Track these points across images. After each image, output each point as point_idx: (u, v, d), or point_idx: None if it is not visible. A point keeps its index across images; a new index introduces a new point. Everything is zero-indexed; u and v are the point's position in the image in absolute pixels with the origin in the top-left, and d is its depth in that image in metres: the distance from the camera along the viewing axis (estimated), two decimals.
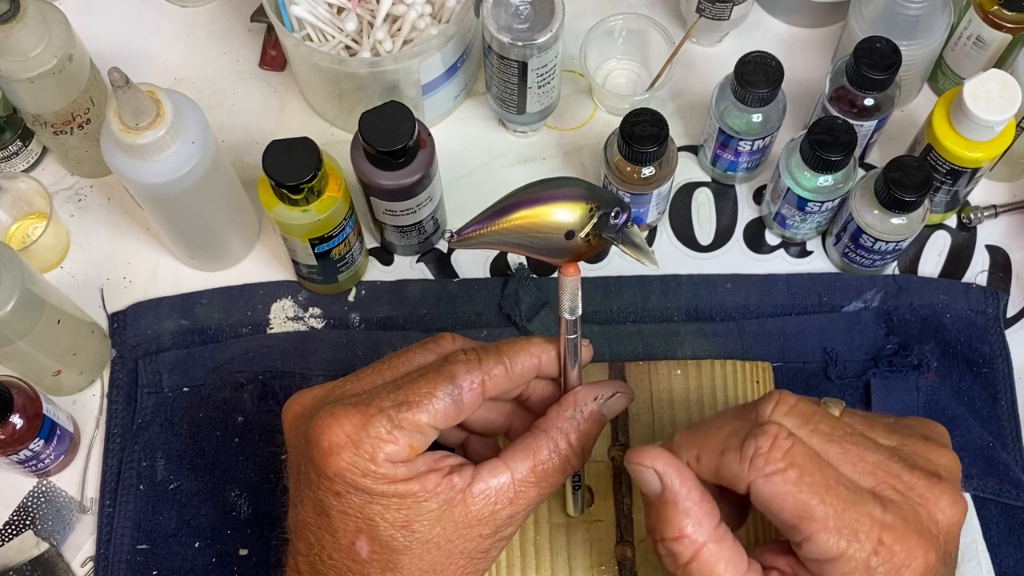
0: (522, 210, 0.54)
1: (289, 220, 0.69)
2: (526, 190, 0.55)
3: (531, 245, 0.55)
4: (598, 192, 0.56)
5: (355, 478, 0.52)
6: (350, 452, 0.52)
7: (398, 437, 0.52)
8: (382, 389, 0.54)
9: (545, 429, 0.56)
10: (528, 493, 0.55)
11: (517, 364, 0.56)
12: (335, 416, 0.52)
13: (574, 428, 0.56)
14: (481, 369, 0.55)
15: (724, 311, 0.79)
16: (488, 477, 0.54)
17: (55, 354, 0.73)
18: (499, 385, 0.56)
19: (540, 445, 0.56)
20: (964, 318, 0.78)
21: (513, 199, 0.54)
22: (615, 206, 0.55)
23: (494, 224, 0.54)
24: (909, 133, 0.81)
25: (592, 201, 0.54)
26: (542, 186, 0.55)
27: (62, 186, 0.84)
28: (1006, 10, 0.75)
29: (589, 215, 0.54)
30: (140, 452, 0.75)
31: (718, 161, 0.81)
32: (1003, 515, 0.73)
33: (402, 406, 0.53)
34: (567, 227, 0.54)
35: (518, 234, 0.54)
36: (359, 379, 0.56)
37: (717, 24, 0.84)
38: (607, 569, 0.67)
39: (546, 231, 0.54)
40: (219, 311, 0.79)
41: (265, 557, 0.72)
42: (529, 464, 0.55)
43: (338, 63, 0.76)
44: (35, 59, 0.70)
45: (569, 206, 0.54)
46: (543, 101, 0.80)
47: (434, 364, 0.56)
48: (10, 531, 0.74)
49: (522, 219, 0.54)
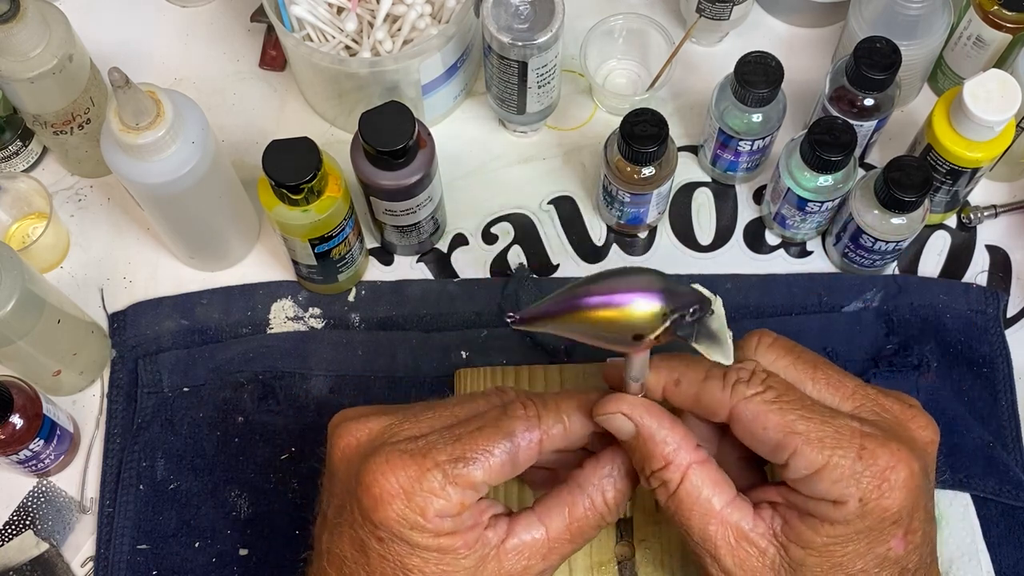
0: (590, 307, 0.50)
1: (289, 220, 0.69)
2: (598, 281, 0.51)
3: (596, 338, 0.52)
4: (675, 291, 0.51)
5: (402, 529, 0.51)
6: (401, 504, 0.51)
7: (451, 493, 0.51)
8: (439, 439, 0.53)
9: (581, 485, 0.55)
10: (563, 549, 0.55)
11: (575, 422, 0.55)
12: (391, 464, 0.51)
13: (611, 485, 0.56)
14: (540, 428, 0.54)
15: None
16: (523, 533, 0.54)
17: (55, 354, 0.73)
18: (556, 444, 0.55)
19: (576, 501, 0.55)
20: (964, 318, 0.78)
21: (583, 292, 0.50)
22: (692, 305, 0.51)
23: (560, 315, 0.51)
24: (909, 133, 0.81)
25: (669, 304, 0.50)
26: (617, 280, 0.51)
27: (62, 186, 0.84)
28: (1006, 10, 0.75)
29: (663, 319, 0.50)
30: (140, 452, 0.75)
31: (718, 161, 0.81)
32: (1003, 515, 0.73)
33: (458, 461, 0.52)
34: (637, 330, 0.51)
35: (583, 327, 0.51)
36: (418, 420, 0.55)
37: (717, 24, 0.84)
38: (607, 569, 0.67)
39: (614, 331, 0.51)
40: (219, 311, 0.79)
41: (265, 557, 0.73)
42: (564, 521, 0.55)
43: (338, 63, 0.76)
44: (35, 59, 0.70)
45: (642, 308, 0.50)
46: (543, 101, 0.80)
47: (493, 416, 0.54)
48: (10, 531, 0.74)
49: (590, 315, 0.50)
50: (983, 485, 0.73)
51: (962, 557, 0.72)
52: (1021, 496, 0.73)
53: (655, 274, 0.51)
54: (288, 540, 0.73)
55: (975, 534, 0.72)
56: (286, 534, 0.73)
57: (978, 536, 0.72)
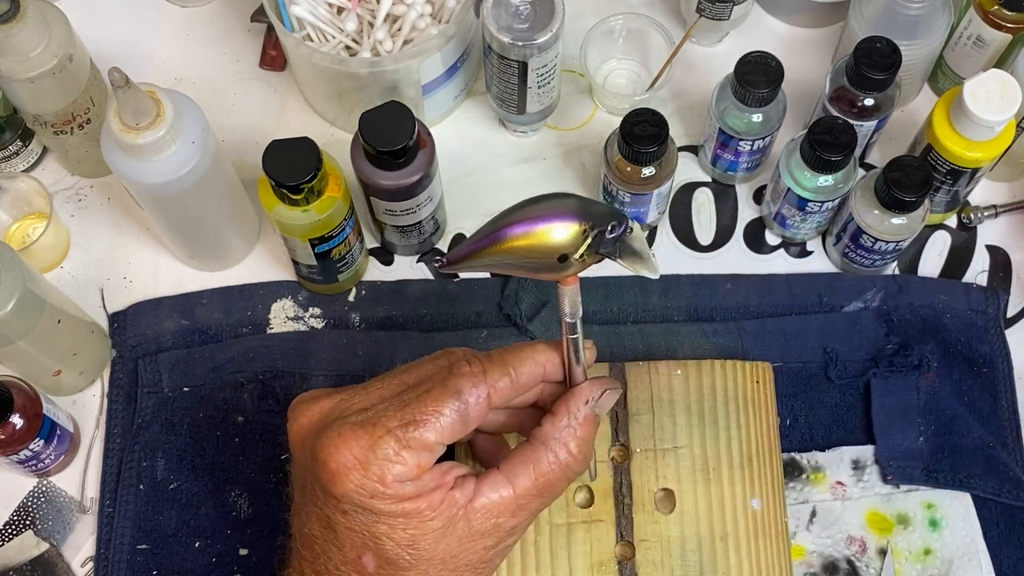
0: (512, 234, 0.52)
1: (289, 220, 0.69)
2: (515, 211, 0.53)
3: (524, 267, 0.54)
4: (592, 208, 0.53)
5: (363, 499, 0.52)
6: (358, 474, 0.51)
7: (406, 458, 0.52)
8: (388, 406, 0.53)
9: (543, 440, 0.56)
10: (531, 505, 0.55)
11: (522, 374, 0.56)
12: (342, 437, 0.52)
13: (572, 436, 0.56)
14: (487, 382, 0.55)
15: (724, 311, 0.79)
16: (490, 491, 0.54)
17: (55, 354, 0.73)
18: (505, 396, 0.56)
19: (539, 457, 0.55)
20: (964, 318, 0.78)
21: (503, 222, 0.52)
22: (610, 222, 0.53)
23: (484, 250, 0.52)
24: (909, 133, 0.81)
25: (586, 221, 0.52)
26: (532, 207, 0.53)
27: (62, 186, 0.84)
28: (1006, 10, 0.75)
29: (583, 236, 0.52)
30: (140, 452, 0.75)
31: (718, 161, 0.81)
32: (1003, 515, 0.73)
33: (409, 425, 0.52)
34: (560, 251, 0.53)
35: (509, 258, 0.53)
36: (367, 392, 0.56)
37: (717, 24, 0.84)
38: (607, 569, 0.67)
39: (538, 255, 0.53)
40: (219, 311, 0.79)
41: (265, 557, 0.72)
42: (530, 477, 0.55)
43: (338, 63, 0.76)
44: (35, 59, 0.70)
45: (561, 228, 0.52)
46: (543, 101, 0.80)
47: (439, 377, 0.55)
48: (10, 531, 0.74)
49: (512, 244, 0.52)
50: (983, 485, 0.73)
51: (962, 557, 0.72)
52: (1021, 496, 0.73)
53: (572, 197, 0.53)
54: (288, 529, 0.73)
55: (975, 534, 0.72)
56: (286, 534, 0.73)
57: (978, 536, 0.72)
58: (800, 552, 0.72)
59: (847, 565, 0.72)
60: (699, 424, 0.70)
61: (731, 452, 0.69)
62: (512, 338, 0.77)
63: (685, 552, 0.67)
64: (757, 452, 0.70)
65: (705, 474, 0.69)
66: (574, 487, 0.68)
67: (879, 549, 0.72)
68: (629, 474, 0.69)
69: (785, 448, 0.74)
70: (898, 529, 0.72)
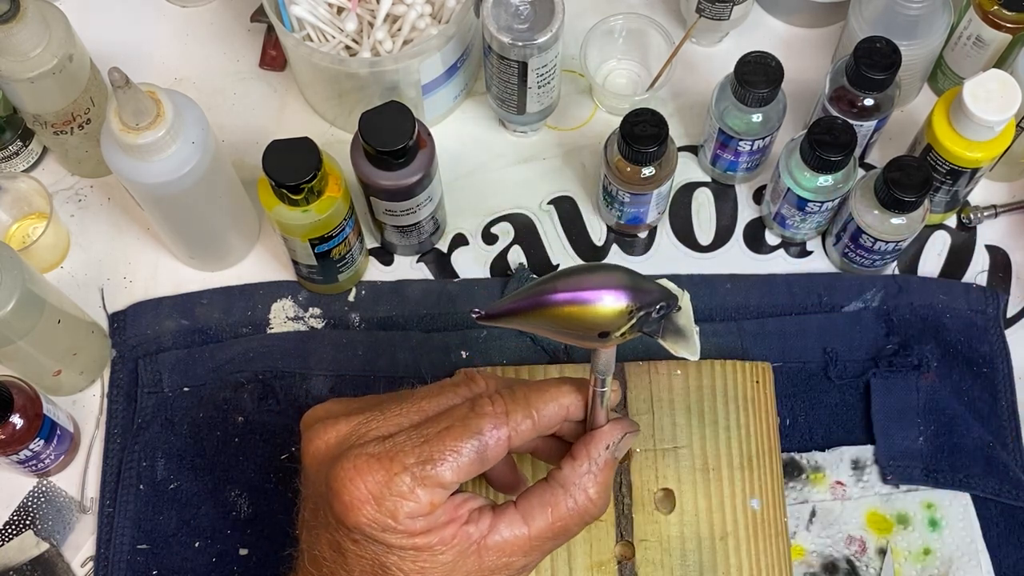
0: (555, 301, 0.49)
1: (289, 220, 0.69)
2: (562, 279, 0.50)
3: (561, 334, 0.52)
4: (642, 287, 0.50)
5: (374, 532, 0.51)
6: (371, 508, 0.51)
7: (420, 495, 0.51)
8: (407, 440, 0.53)
9: (563, 485, 0.55)
10: (544, 546, 0.55)
11: (545, 416, 0.55)
12: (358, 469, 0.52)
13: (592, 481, 0.56)
14: (508, 424, 0.54)
15: (724, 311, 0.79)
16: (504, 530, 0.54)
17: (55, 354, 0.73)
18: (525, 437, 0.55)
19: (558, 500, 0.55)
20: (964, 318, 0.78)
21: (548, 287, 0.50)
22: (659, 303, 0.51)
23: (524, 311, 0.50)
24: (909, 133, 0.81)
25: (634, 302, 0.50)
26: (581, 277, 0.50)
27: (62, 186, 0.84)
28: (1006, 10, 0.75)
29: (629, 316, 0.50)
30: (140, 452, 0.75)
31: (718, 161, 0.81)
32: (1003, 515, 0.73)
33: (426, 463, 0.52)
34: (602, 328, 0.50)
35: (548, 324, 0.51)
36: (384, 417, 0.55)
37: (717, 24, 0.84)
38: (607, 569, 0.67)
39: (579, 328, 0.50)
40: (219, 311, 0.79)
41: (265, 557, 0.73)
42: (547, 520, 0.55)
43: (338, 63, 0.76)
44: (35, 59, 0.70)
45: (607, 306, 0.49)
46: (543, 101, 0.80)
47: (460, 413, 0.54)
48: (10, 531, 0.74)
49: (554, 312, 0.50)
50: (983, 485, 0.73)
51: (962, 557, 0.72)
52: (1021, 496, 0.73)
53: (622, 271, 0.51)
54: (288, 540, 0.73)
55: (975, 534, 0.72)
56: (286, 534, 0.73)
57: (978, 536, 0.72)
58: (800, 552, 0.72)
59: (847, 565, 0.72)
60: (699, 424, 0.70)
61: (731, 452, 0.69)
62: (512, 338, 0.77)
63: (685, 552, 0.67)
64: (757, 452, 0.70)
65: (705, 474, 0.69)
66: None
67: (879, 549, 0.72)
68: (629, 474, 0.69)
69: (785, 448, 0.74)
70: (898, 529, 0.73)
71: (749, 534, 0.68)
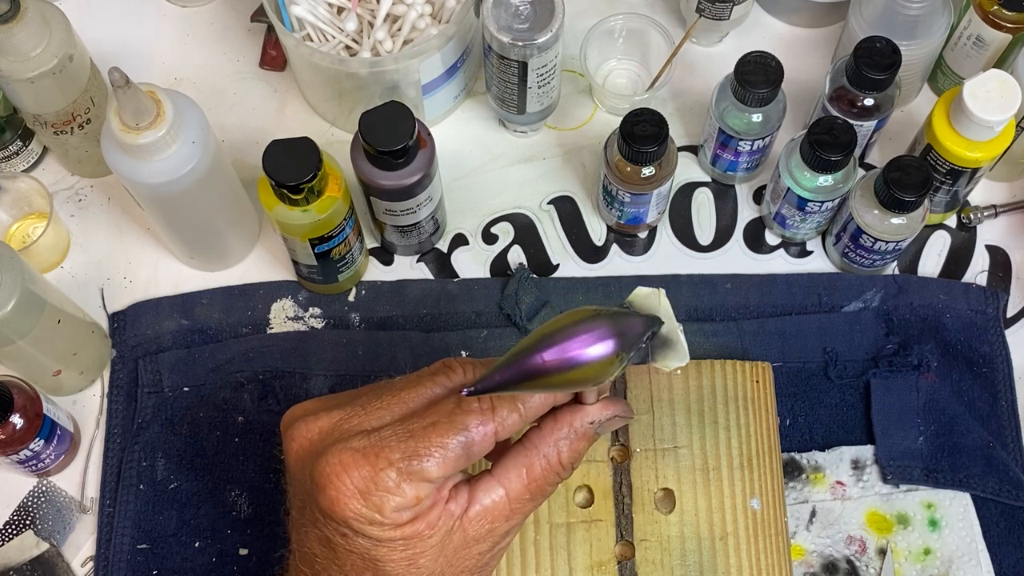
0: (546, 372, 0.50)
1: (289, 220, 0.69)
2: (546, 341, 0.50)
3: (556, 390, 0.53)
4: (625, 332, 0.50)
5: (362, 526, 0.51)
6: (357, 503, 0.51)
7: (405, 490, 0.51)
8: (392, 434, 0.52)
9: (538, 445, 0.55)
10: (524, 508, 0.55)
11: (532, 408, 0.55)
12: (343, 464, 0.51)
13: (567, 446, 0.56)
14: (495, 420, 0.53)
15: (724, 311, 0.79)
16: (483, 497, 0.54)
17: (55, 354, 0.73)
18: (512, 430, 0.55)
19: (533, 462, 0.55)
20: (964, 318, 0.78)
21: (535, 355, 0.49)
22: (643, 336, 0.51)
23: (515, 383, 0.50)
24: (909, 133, 0.81)
25: (622, 349, 0.50)
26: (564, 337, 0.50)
27: (62, 186, 0.84)
28: (1006, 10, 0.75)
29: (619, 363, 0.50)
30: (140, 452, 0.75)
31: (718, 161, 0.81)
32: (1003, 515, 0.73)
33: (412, 459, 0.51)
34: (594, 382, 0.51)
35: (540, 389, 0.51)
36: (366, 411, 0.54)
37: (717, 24, 0.84)
38: (607, 569, 0.67)
39: (573, 386, 0.51)
40: (219, 311, 0.79)
41: (265, 557, 0.73)
42: (523, 481, 0.55)
43: (338, 63, 0.76)
44: (35, 59, 0.70)
45: (597, 362, 0.50)
46: (543, 101, 0.80)
47: (445, 408, 0.53)
48: (10, 531, 0.74)
49: (547, 381, 0.50)
50: (983, 485, 0.73)
51: (962, 557, 0.72)
52: (1021, 496, 0.73)
53: (602, 316, 0.51)
54: (288, 540, 0.73)
55: (975, 534, 0.72)
56: (286, 534, 0.73)
57: (978, 536, 0.72)
58: (800, 552, 0.72)
59: (847, 565, 0.72)
60: (699, 424, 0.70)
61: (731, 452, 0.69)
62: (512, 338, 0.77)
63: (685, 552, 0.67)
64: (757, 452, 0.70)
65: (705, 474, 0.69)
66: (574, 486, 0.68)
67: (879, 549, 0.72)
68: (629, 474, 0.69)
69: (785, 448, 0.74)
70: (898, 529, 0.73)
71: (749, 534, 0.68)
